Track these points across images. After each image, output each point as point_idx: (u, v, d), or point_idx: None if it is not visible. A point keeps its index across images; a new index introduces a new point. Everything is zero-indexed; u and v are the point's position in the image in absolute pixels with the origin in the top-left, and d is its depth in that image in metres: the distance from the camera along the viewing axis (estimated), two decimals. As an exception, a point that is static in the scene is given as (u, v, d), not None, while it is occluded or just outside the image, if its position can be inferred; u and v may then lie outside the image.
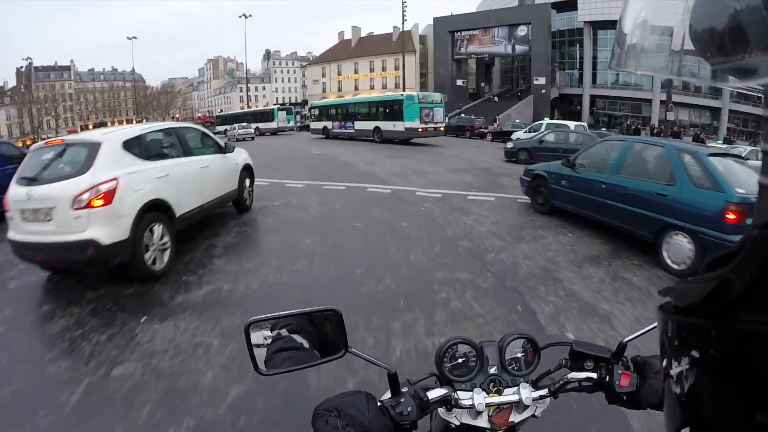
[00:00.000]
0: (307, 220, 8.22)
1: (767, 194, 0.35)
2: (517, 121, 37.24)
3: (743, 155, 10.98)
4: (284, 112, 49.58)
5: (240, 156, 8.85)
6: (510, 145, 19.57)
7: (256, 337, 1.01)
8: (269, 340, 1.01)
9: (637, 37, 0.46)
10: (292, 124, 50.33)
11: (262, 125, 45.83)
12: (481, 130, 34.38)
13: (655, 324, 0.51)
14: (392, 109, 27.52)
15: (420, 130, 26.07)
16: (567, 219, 8.09)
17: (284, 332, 1.02)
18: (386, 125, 27.75)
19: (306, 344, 1.02)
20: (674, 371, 0.43)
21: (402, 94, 28.16)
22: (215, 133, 40.73)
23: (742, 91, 0.43)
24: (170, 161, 6.43)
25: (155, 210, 5.84)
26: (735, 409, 0.35)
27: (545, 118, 32.08)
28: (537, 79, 51.16)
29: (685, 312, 0.42)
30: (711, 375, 0.38)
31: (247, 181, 9.07)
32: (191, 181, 6.77)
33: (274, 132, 46.46)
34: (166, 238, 5.98)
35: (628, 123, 48.41)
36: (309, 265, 5.89)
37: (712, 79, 0.41)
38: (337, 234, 7.20)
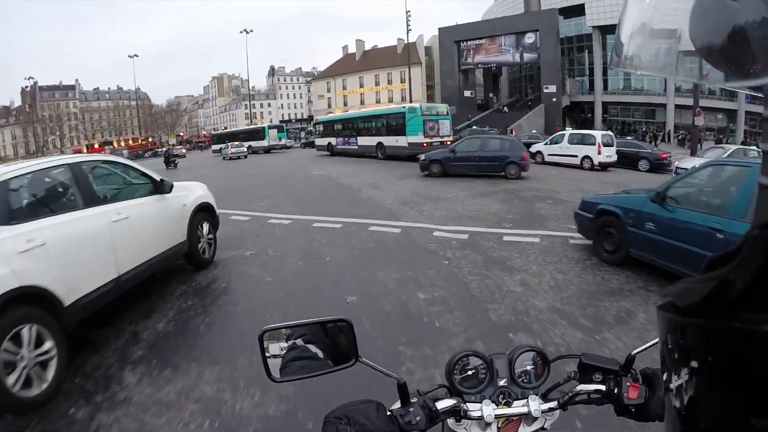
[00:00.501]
0: (280, 287, 5.78)
1: (767, 194, 0.35)
2: (534, 131, 35.09)
3: None
4: (275, 130, 49.90)
5: (191, 194, 6.59)
6: (422, 157, 18.22)
7: (270, 345, 1.02)
8: (284, 350, 1.02)
9: (637, 40, 0.45)
10: (284, 141, 50.66)
11: (254, 143, 46.33)
12: (495, 142, 32.01)
13: None
14: (395, 123, 25.53)
15: (424, 145, 23.70)
16: (648, 272, 5.72)
17: (299, 342, 1.03)
18: (389, 140, 25.80)
19: (320, 354, 1.03)
20: (674, 384, 0.43)
21: (404, 107, 26.10)
22: (212, 152, 40.19)
23: (742, 91, 0.41)
24: (52, 219, 4.09)
25: (20, 304, 3.57)
26: (732, 415, 0.35)
27: (567, 128, 29.82)
28: (547, 87, 50.18)
29: (684, 312, 0.41)
30: (709, 383, 0.38)
31: (205, 227, 6.82)
32: (94, 244, 4.45)
33: (267, 150, 46.73)
34: (48, 344, 3.70)
35: (644, 129, 46.70)
36: (260, 402, 3.40)
37: (713, 79, 0.40)
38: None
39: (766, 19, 0.32)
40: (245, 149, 40.99)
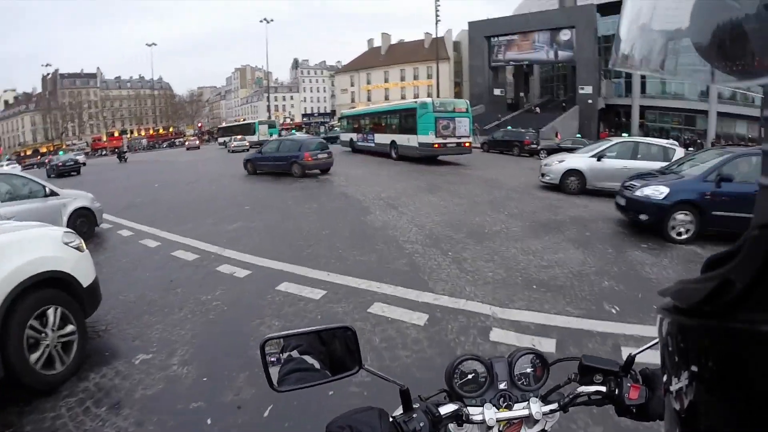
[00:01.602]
0: None
1: (767, 194, 0.36)
2: (578, 136, 31.25)
3: None
4: (266, 126, 50.51)
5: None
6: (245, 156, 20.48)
7: (271, 355, 1.00)
8: (281, 362, 1.00)
9: (636, 37, 0.45)
10: (275, 137, 50.09)
11: (247, 138, 46.53)
12: (533, 146, 27.88)
13: None
14: (407, 120, 21.95)
15: (436, 146, 20.17)
16: None
17: (295, 354, 1.00)
18: (401, 139, 22.35)
19: (317, 364, 1.00)
20: (674, 387, 0.43)
21: (416, 102, 22.33)
22: (218, 145, 40.83)
23: (741, 90, 0.36)
24: None
25: None
26: (732, 426, 0.35)
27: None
28: (582, 88, 47.05)
29: (685, 313, 0.41)
30: (709, 389, 0.38)
31: (54, 317, 3.67)
32: None
33: (261, 144, 47.48)
34: None
35: (685, 138, 42.62)
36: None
37: (712, 79, 0.39)
38: None
39: (765, 18, 0.32)
40: (247, 143, 41.55)
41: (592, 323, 4.49)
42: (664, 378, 0.46)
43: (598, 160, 12.47)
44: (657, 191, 7.99)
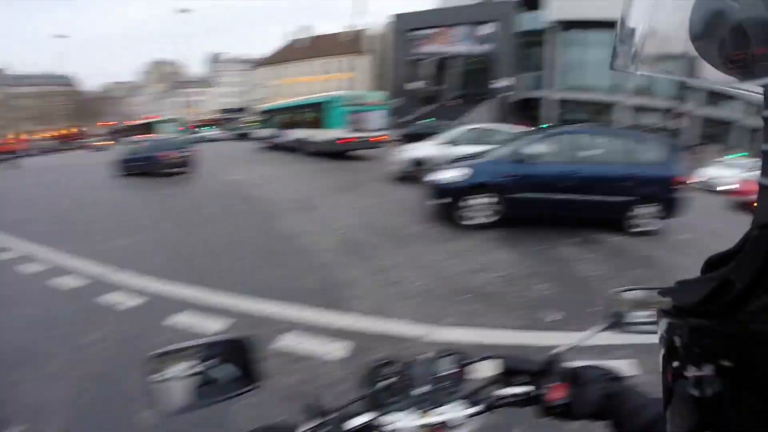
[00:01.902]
0: None
1: (767, 194, 0.35)
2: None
3: None
4: (169, 124, 48.32)
5: None
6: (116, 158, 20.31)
7: (168, 371, 0.87)
8: (187, 374, 0.89)
9: (636, 41, 0.44)
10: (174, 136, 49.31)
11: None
12: (450, 139, 27.86)
13: (586, 333, 0.50)
14: (317, 115, 21.64)
15: (347, 140, 19.93)
16: None
17: (204, 363, 0.90)
18: (314, 134, 21.91)
19: (238, 372, 0.93)
20: (689, 374, 0.41)
21: (325, 96, 22.05)
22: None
23: (741, 91, 0.41)
24: None
25: None
26: (733, 425, 0.35)
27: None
28: (499, 82, 47.84)
29: (685, 313, 0.41)
30: (709, 389, 0.37)
31: None
32: None
33: None
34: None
35: (599, 127, 44.49)
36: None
37: (713, 80, 0.39)
38: None
39: (765, 18, 0.32)
40: None
41: (536, 336, 4.11)
42: (675, 364, 0.44)
43: (446, 147, 12.44)
44: (452, 175, 7.85)
